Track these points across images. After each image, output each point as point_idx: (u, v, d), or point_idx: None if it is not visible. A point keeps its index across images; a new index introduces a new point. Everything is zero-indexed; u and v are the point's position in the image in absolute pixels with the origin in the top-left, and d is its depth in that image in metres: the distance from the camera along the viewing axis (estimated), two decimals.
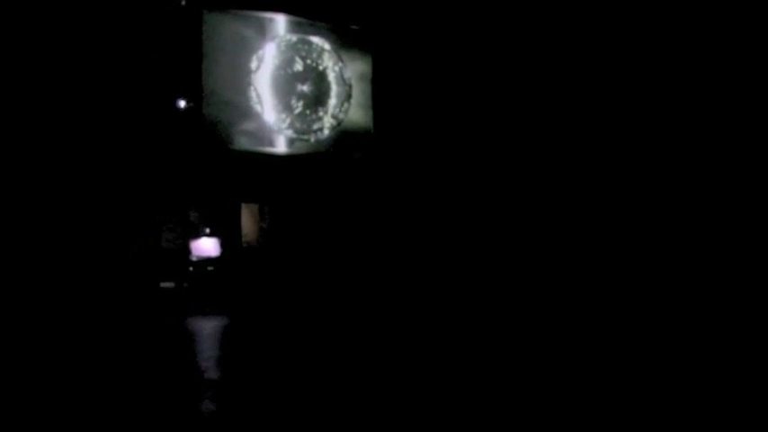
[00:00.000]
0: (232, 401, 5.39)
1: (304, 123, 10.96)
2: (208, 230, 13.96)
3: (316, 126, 11.08)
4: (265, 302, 12.06)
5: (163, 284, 12.32)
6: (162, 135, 9.76)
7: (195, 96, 10.07)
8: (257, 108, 10.63)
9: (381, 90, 11.57)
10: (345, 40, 11.39)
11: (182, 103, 10.53)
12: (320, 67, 11.13)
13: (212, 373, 6.39)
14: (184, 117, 9.99)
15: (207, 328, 10.49)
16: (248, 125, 10.58)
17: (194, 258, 12.93)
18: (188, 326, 10.64)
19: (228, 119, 10.34)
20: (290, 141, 10.90)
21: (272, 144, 10.73)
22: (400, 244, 11.26)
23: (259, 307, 11.86)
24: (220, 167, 10.35)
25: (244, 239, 15.32)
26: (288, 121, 10.84)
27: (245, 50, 10.62)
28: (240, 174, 10.66)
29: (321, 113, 11.11)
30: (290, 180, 11.15)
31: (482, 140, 10.80)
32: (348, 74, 11.42)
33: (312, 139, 11.07)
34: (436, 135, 11.37)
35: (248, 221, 15.45)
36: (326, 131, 11.13)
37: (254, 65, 10.69)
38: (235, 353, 7.73)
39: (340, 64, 11.32)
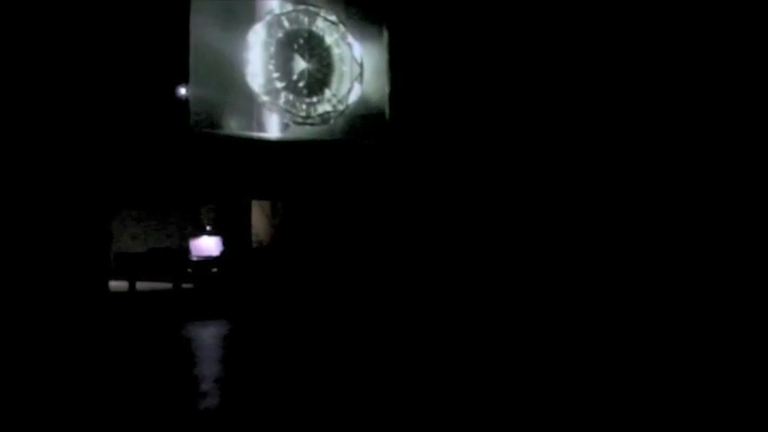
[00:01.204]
0: None
1: (308, 106, 9.65)
2: (209, 228, 12.79)
3: (321, 109, 9.76)
4: (275, 307, 10.81)
5: (155, 285, 11.21)
6: (128, 118, 8.49)
7: (181, 75, 8.79)
8: (253, 88, 9.32)
9: (399, 70, 10.27)
10: (357, 13, 10.05)
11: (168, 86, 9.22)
12: (325, 43, 9.78)
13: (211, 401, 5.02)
14: (159, 96, 8.68)
15: (206, 338, 9.17)
16: (243, 108, 9.28)
17: (194, 258, 11.76)
18: (184, 334, 9.33)
19: (219, 100, 9.06)
20: (292, 127, 9.58)
21: (268, 129, 9.43)
22: (423, 242, 10.17)
23: (267, 312, 10.58)
24: (208, 156, 9.05)
25: (255, 239, 14.39)
26: (289, 103, 9.53)
27: (239, 23, 9.33)
28: (233, 164, 9.35)
29: (328, 95, 9.79)
30: (292, 171, 9.83)
31: (514, 128, 9.65)
32: (359, 51, 10.05)
33: (317, 125, 9.75)
34: (462, 123, 10.14)
35: (259, 219, 14.46)
36: (334, 115, 9.81)
37: (250, 39, 9.39)
38: (239, 372, 6.30)
39: (349, 39, 9.96)
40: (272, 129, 9.43)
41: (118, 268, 12.28)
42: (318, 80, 9.68)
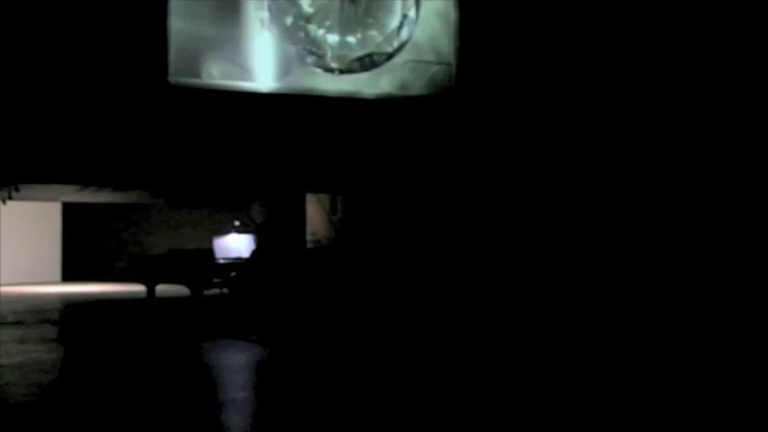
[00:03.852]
0: None
1: (341, 47, 7.42)
2: (237, 223, 10.92)
3: (360, 51, 7.52)
4: (333, 326, 9.21)
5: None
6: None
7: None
8: (263, 18, 7.05)
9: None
10: None
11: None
12: None
13: None
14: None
15: (231, 367, 7.12)
16: (243, 49, 7.05)
17: (220, 261, 9.76)
18: (202, 359, 7.42)
19: (209, 38, 6.79)
20: (319, 76, 7.36)
21: (281, 78, 7.15)
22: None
23: (321, 333, 8.89)
24: (187, 116, 6.69)
25: (312, 238, 12.81)
26: (315, 43, 7.31)
27: None
28: (221, 127, 6.99)
29: (370, 31, 7.52)
30: (330, 143, 7.77)
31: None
32: None
33: (356, 71, 7.53)
34: (550, 78, 8.24)
35: (316, 215, 12.85)
36: (378, 60, 7.61)
37: None
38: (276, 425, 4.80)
39: None
40: (289, 78, 7.15)
41: (134, 271, 10.69)
42: (355, 10, 7.41)
